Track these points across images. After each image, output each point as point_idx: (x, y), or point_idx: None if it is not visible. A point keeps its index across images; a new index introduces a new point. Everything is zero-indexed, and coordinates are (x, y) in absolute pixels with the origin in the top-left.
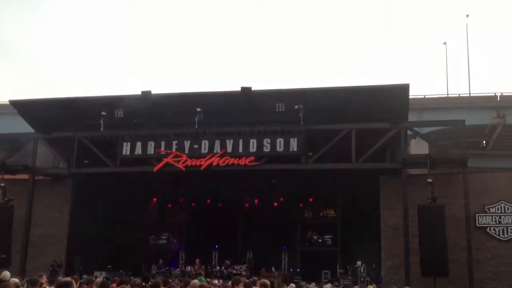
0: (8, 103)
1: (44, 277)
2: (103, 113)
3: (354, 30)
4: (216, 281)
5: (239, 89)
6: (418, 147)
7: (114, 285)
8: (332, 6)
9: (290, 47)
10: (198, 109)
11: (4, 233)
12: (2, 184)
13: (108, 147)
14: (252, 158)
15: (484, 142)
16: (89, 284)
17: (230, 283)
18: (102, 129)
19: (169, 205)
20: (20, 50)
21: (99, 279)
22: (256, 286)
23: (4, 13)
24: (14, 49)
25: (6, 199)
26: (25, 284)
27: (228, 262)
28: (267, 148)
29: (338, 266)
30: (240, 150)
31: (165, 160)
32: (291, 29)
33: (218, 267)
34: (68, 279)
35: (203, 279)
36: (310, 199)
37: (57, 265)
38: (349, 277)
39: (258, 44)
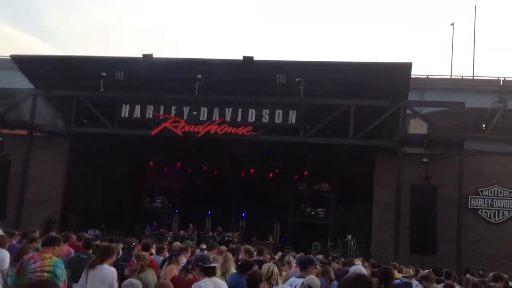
0: (8, 57)
1: (38, 232)
2: (103, 73)
3: (363, 9)
4: (204, 245)
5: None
6: (418, 127)
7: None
8: None
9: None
10: (199, 76)
11: (0, 187)
12: (0, 138)
13: (106, 108)
14: (250, 128)
15: (483, 125)
16: (81, 241)
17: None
18: (101, 89)
19: (165, 169)
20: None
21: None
22: (241, 252)
23: None
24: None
25: (3, 153)
26: (18, 237)
27: (220, 229)
28: (265, 119)
29: (328, 238)
30: (239, 119)
31: (163, 125)
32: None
33: (211, 233)
34: (56, 234)
35: (190, 242)
36: (305, 172)
37: (51, 221)
38: (339, 250)
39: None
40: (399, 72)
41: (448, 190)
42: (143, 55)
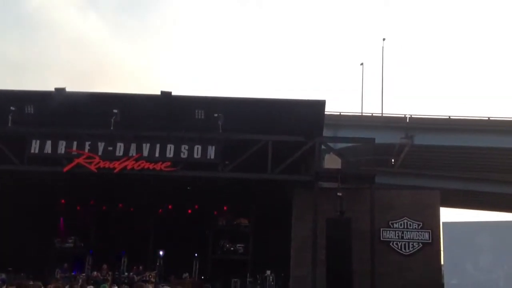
0: None
1: None
2: (12, 108)
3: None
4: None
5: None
6: (332, 162)
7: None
8: (254, 20)
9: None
10: (115, 111)
11: None
12: None
13: (15, 144)
14: (169, 163)
15: (393, 160)
16: None
17: None
18: (9, 124)
19: (78, 207)
20: None
21: None
22: None
23: None
24: None
25: None
26: None
27: (141, 267)
28: (184, 155)
29: (248, 274)
30: (157, 155)
31: (76, 161)
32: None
33: (126, 273)
34: None
35: (106, 286)
36: (225, 208)
37: None
38: (258, 286)
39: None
40: (313, 108)
41: (362, 223)
42: (55, 88)
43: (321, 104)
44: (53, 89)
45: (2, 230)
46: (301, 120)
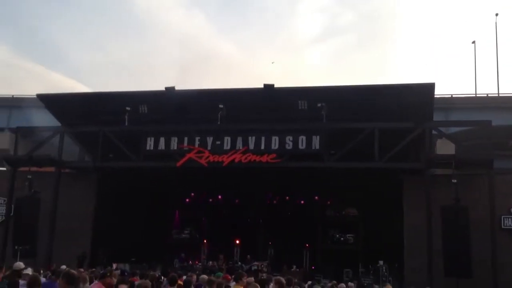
0: (34, 96)
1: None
2: (128, 108)
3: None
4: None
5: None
6: (445, 147)
7: (136, 278)
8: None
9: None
10: (221, 106)
11: (31, 225)
12: (29, 176)
13: (132, 142)
14: (274, 155)
15: (511, 143)
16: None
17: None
18: (126, 124)
19: (188, 200)
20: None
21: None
22: (272, 283)
23: None
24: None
25: (32, 191)
26: (48, 275)
27: (249, 257)
28: (289, 146)
29: (359, 265)
30: (262, 147)
31: (188, 156)
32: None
33: (239, 263)
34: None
35: (221, 274)
36: (332, 198)
37: (82, 257)
38: (371, 277)
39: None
40: (422, 92)
41: (479, 210)
42: (166, 88)
43: (430, 87)
44: (163, 89)
45: (124, 225)
46: (409, 105)
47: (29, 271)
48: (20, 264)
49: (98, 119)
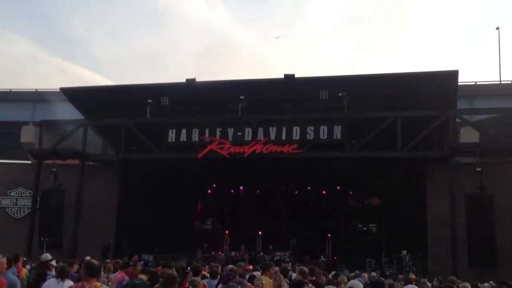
0: (57, 89)
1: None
2: (149, 100)
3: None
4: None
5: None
6: (469, 136)
7: (159, 268)
8: None
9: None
10: (242, 97)
11: (56, 217)
12: (54, 169)
13: (154, 134)
14: (295, 145)
15: None
16: (128, 268)
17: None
18: (148, 116)
19: (210, 191)
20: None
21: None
22: (295, 273)
23: None
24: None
25: (57, 183)
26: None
27: (271, 247)
28: (310, 136)
29: (383, 254)
30: (283, 137)
31: (209, 147)
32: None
33: (262, 253)
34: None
35: (242, 264)
36: (354, 188)
37: (107, 248)
38: (394, 266)
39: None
40: (445, 80)
41: (505, 199)
42: (187, 80)
43: (453, 74)
44: (184, 80)
45: (147, 216)
46: (431, 93)
47: (53, 262)
48: (47, 256)
49: (120, 112)
